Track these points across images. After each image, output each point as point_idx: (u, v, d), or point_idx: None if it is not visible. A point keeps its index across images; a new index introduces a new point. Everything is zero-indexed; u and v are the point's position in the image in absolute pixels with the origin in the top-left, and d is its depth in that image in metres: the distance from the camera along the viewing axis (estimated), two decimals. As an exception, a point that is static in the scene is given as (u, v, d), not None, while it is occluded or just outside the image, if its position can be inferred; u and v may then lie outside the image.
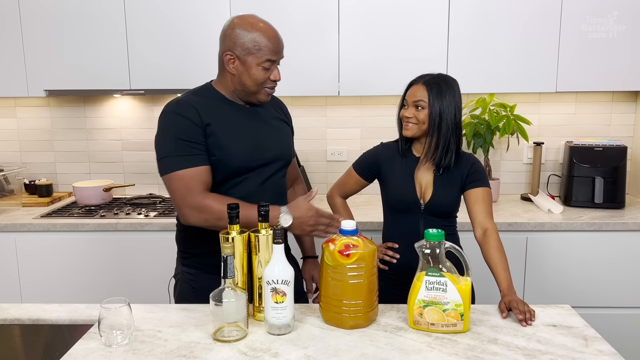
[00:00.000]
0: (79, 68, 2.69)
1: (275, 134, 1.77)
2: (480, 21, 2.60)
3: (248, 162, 1.66)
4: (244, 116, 1.70)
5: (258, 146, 1.69)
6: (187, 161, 1.57)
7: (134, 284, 2.56)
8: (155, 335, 1.39)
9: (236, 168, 1.65)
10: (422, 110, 1.76)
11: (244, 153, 1.65)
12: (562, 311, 1.53)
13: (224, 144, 1.62)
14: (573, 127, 3.00)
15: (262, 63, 1.62)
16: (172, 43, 2.65)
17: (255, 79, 1.63)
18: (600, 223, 2.46)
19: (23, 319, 1.52)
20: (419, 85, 1.78)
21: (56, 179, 3.13)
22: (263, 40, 1.61)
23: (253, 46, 1.61)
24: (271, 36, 1.63)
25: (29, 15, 2.65)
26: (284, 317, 1.38)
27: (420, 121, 1.76)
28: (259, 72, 1.63)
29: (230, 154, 1.62)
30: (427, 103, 1.75)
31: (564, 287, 2.51)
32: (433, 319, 1.39)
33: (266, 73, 1.64)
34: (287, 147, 1.83)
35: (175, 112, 1.61)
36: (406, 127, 1.79)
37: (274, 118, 1.80)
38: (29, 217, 2.62)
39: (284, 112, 1.89)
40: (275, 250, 1.38)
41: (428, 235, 1.41)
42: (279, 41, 1.65)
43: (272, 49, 1.62)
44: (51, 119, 3.08)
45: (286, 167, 1.83)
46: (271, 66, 1.64)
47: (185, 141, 1.57)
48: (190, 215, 1.58)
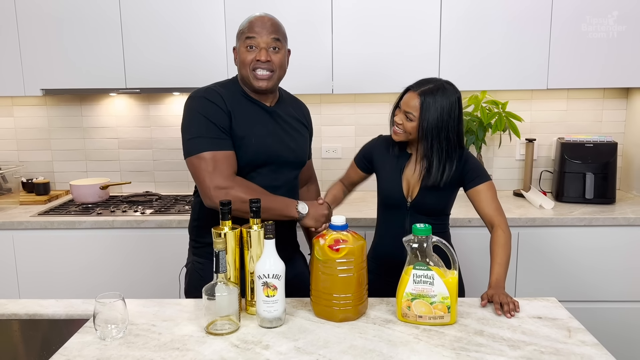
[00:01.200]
0: (75, 67, 2.71)
1: (292, 136, 1.81)
2: (472, 18, 2.63)
3: (263, 158, 1.71)
4: (264, 114, 1.74)
5: (274, 143, 1.73)
6: (216, 144, 1.62)
7: (130, 281, 2.59)
8: (149, 329, 1.43)
9: (251, 161, 1.69)
10: (411, 122, 1.72)
11: (259, 148, 1.69)
12: (548, 304, 1.56)
13: (243, 135, 1.67)
14: (565, 124, 3.03)
15: (244, 42, 1.68)
16: (168, 42, 2.68)
17: (242, 60, 1.69)
18: (590, 218, 2.49)
19: (20, 314, 1.55)
20: (414, 93, 1.72)
21: (53, 177, 3.16)
22: (246, 22, 1.71)
23: (240, 31, 1.72)
24: (254, 17, 1.70)
25: (25, 14, 2.68)
26: (275, 311, 1.42)
27: (407, 130, 1.74)
28: (244, 53, 1.68)
29: (248, 147, 1.67)
30: (416, 117, 1.71)
31: (554, 281, 2.54)
32: (420, 311, 1.42)
33: (251, 53, 1.67)
34: (302, 150, 1.86)
35: (205, 97, 1.67)
36: (394, 132, 1.80)
37: (294, 120, 1.84)
38: (27, 215, 2.65)
39: (306, 115, 1.93)
40: (267, 245, 1.41)
41: (415, 230, 1.44)
42: (261, 22, 1.68)
43: (250, 27, 1.67)
44: (48, 118, 3.11)
45: (299, 168, 1.86)
46: (254, 45, 1.67)
47: (215, 125, 1.63)
48: (216, 196, 1.58)
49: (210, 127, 1.62)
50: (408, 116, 1.73)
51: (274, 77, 1.71)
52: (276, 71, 1.70)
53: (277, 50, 1.70)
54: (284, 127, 1.78)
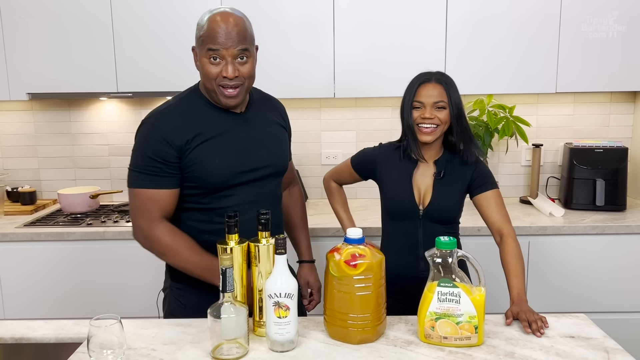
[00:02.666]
0: (63, 70, 2.58)
1: (268, 142, 1.62)
2: (479, 21, 2.54)
3: (233, 177, 1.53)
4: (232, 123, 1.56)
5: (246, 157, 1.55)
6: (150, 181, 1.49)
7: (123, 296, 2.45)
8: (149, 354, 1.30)
9: (219, 183, 1.52)
10: (443, 110, 1.66)
11: (227, 168, 1.52)
12: (579, 321, 1.46)
13: (204, 160, 1.49)
14: (571, 129, 2.95)
15: (206, 52, 1.45)
16: (161, 44, 2.55)
17: (206, 73, 1.47)
18: (603, 226, 2.40)
19: (5, 338, 1.41)
20: (432, 84, 1.67)
21: (40, 186, 3.00)
22: (206, 25, 1.45)
23: (200, 35, 1.47)
24: (216, 22, 1.43)
25: (10, 15, 2.54)
26: (287, 333, 1.30)
27: (442, 122, 1.67)
28: (207, 65, 1.46)
29: (212, 170, 1.50)
30: (447, 102, 1.66)
31: (568, 292, 2.45)
32: (446, 332, 1.31)
33: (215, 67, 1.45)
34: (281, 156, 1.68)
35: (154, 124, 1.50)
36: (427, 132, 1.67)
37: (269, 123, 1.66)
38: (12, 226, 2.51)
39: (282, 114, 1.74)
40: (278, 262, 1.30)
41: (439, 244, 1.33)
42: (225, 30, 1.42)
43: (212, 37, 1.43)
44: (34, 124, 2.96)
45: (281, 176, 1.68)
46: (217, 57, 1.45)
47: (154, 160, 1.47)
48: (138, 237, 1.55)
49: (147, 162, 1.48)
50: (438, 105, 1.66)
51: (242, 91, 1.50)
52: (245, 82, 1.50)
53: (245, 60, 1.48)
54: (258, 135, 1.59)
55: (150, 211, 1.49)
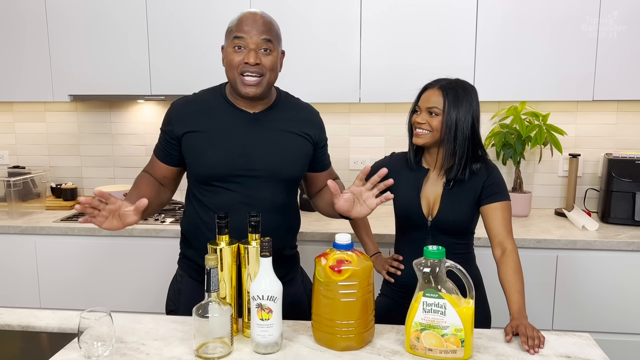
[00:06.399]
0: (102, 73, 2.70)
1: (273, 147, 1.59)
2: (511, 25, 2.46)
3: (224, 174, 1.56)
4: (240, 123, 1.59)
5: (243, 157, 1.56)
6: (157, 148, 1.69)
7: (147, 291, 2.54)
8: (137, 349, 1.34)
9: (209, 177, 1.58)
10: (436, 117, 1.63)
11: (218, 164, 1.56)
12: (580, 340, 1.38)
13: (199, 151, 1.58)
14: (614, 138, 2.80)
15: (232, 42, 1.54)
16: (192, 48, 2.63)
17: (229, 61, 1.55)
18: (639, 242, 2.26)
19: (13, 325, 1.49)
20: (434, 89, 1.66)
21: (82, 183, 3.16)
22: (236, 19, 1.56)
23: (229, 28, 1.58)
24: (245, 15, 1.55)
25: (56, 19, 2.68)
26: (269, 336, 1.30)
27: (433, 128, 1.63)
28: (231, 54, 1.54)
29: (202, 163, 1.58)
30: (441, 110, 1.62)
31: (597, 311, 2.32)
32: (431, 344, 1.28)
33: (238, 55, 1.52)
34: (286, 164, 1.60)
35: (173, 106, 1.66)
36: (417, 135, 1.67)
37: (283, 130, 1.61)
38: (50, 220, 2.65)
39: (310, 126, 1.66)
40: (263, 264, 1.31)
41: (427, 253, 1.30)
42: (252, 20, 1.53)
43: (239, 26, 1.53)
44: (78, 124, 3.12)
45: (283, 183, 1.61)
46: (242, 46, 1.52)
47: (164, 132, 1.65)
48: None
49: (161, 135, 1.67)
50: (432, 111, 1.63)
51: (263, 82, 1.53)
52: (266, 75, 1.53)
53: (269, 52, 1.53)
54: (264, 139, 1.58)
55: (149, 166, 1.70)
